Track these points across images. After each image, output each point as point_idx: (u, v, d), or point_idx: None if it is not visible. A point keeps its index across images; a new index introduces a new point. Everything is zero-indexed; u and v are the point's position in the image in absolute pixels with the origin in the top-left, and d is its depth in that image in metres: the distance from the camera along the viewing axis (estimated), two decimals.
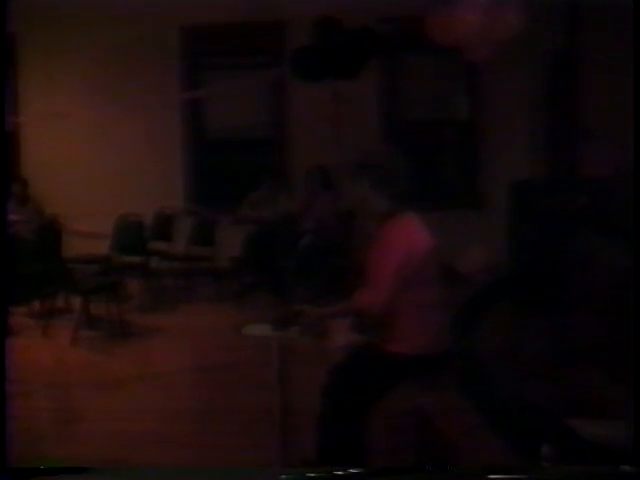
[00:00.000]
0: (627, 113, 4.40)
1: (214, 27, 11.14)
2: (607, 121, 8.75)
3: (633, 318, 4.76)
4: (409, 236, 4.27)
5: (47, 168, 11.34)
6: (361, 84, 9.69)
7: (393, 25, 10.12)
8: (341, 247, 9.57)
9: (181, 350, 8.00)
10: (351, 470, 2.96)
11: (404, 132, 11.17)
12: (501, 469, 2.98)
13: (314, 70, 9.46)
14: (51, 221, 10.07)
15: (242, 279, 10.17)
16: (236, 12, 10.73)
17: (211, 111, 11.80)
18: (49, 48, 11.38)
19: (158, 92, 11.12)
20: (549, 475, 3.07)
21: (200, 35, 11.31)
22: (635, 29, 4.41)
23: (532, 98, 10.40)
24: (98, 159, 11.45)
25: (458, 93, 11.42)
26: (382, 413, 4.33)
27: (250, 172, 11.31)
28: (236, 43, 11.35)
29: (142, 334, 8.51)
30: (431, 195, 10.28)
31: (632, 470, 2.81)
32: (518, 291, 8.34)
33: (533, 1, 8.95)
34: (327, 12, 9.51)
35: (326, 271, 9.44)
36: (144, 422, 5.83)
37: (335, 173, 9.97)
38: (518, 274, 8.76)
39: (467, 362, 4.69)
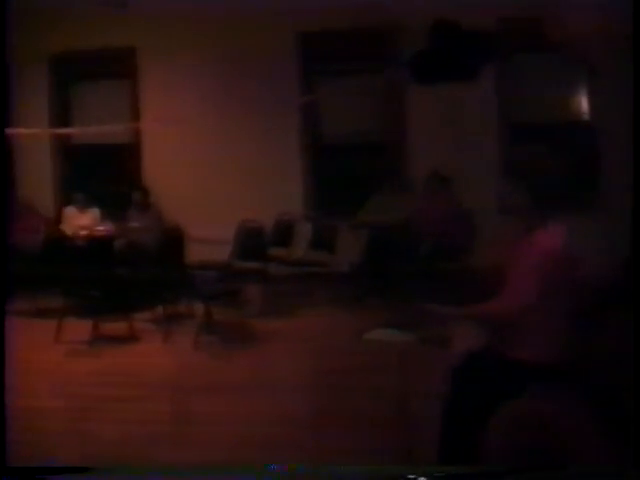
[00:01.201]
0: None
1: (330, 32, 11.13)
2: None
3: (633, 318, 4.58)
4: (557, 243, 4.19)
5: (167, 175, 11.52)
6: (479, 86, 9.58)
7: (510, 26, 9.97)
8: (462, 251, 9.47)
9: (300, 355, 7.99)
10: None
11: (522, 134, 10.97)
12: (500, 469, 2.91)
13: (430, 73, 9.40)
14: (172, 228, 10.21)
15: (361, 284, 10.14)
16: (352, 17, 10.74)
17: (328, 116, 11.81)
18: (168, 57, 11.56)
19: (276, 98, 11.17)
20: (549, 475, 2.99)
21: (316, 41, 11.33)
22: (635, 29, 4.27)
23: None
24: (217, 165, 11.57)
25: (578, 94, 11.18)
26: (501, 418, 4.25)
27: (368, 177, 11.31)
28: (352, 48, 11.33)
29: (262, 339, 8.54)
30: (557, 200, 10.07)
31: (632, 470, 2.73)
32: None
33: None
34: (443, 14, 9.43)
35: (448, 275, 9.34)
36: (262, 426, 5.84)
37: (454, 176, 9.88)
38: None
39: (588, 369, 4.56)
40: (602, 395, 4.83)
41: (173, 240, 9.82)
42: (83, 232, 10.45)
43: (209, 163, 11.62)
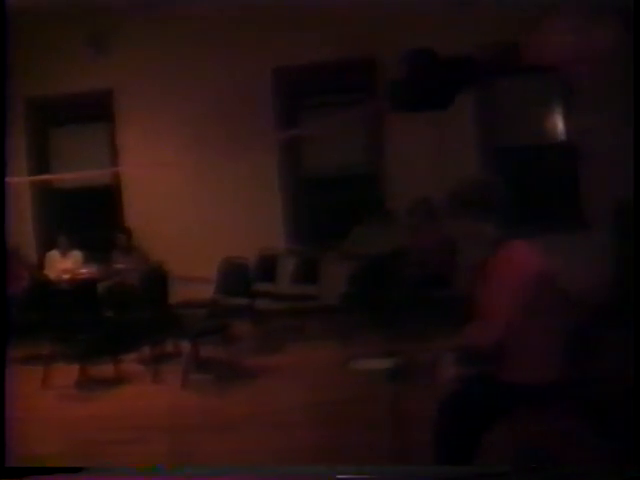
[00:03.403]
0: None
1: (307, 66, 11.19)
2: None
3: (633, 318, 4.59)
4: (523, 263, 4.18)
5: (150, 216, 11.52)
6: (459, 113, 9.62)
7: (489, 51, 10.04)
8: (448, 279, 9.48)
9: (291, 389, 7.96)
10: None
11: (506, 157, 11.04)
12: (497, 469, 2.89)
13: (411, 102, 9.42)
14: (157, 268, 10.19)
15: (350, 316, 10.13)
16: (328, 50, 10.81)
17: (309, 150, 11.86)
18: (147, 100, 11.60)
19: (255, 134, 11.19)
20: (550, 475, 2.99)
21: (294, 75, 11.39)
22: (635, 29, 4.32)
23: (636, 115, 10.21)
24: (199, 204, 11.59)
25: (560, 115, 11.26)
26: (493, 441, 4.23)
27: (352, 208, 11.32)
28: (331, 81, 11.40)
29: (251, 375, 8.51)
30: (536, 220, 10.14)
31: (632, 470, 2.73)
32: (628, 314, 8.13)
33: (628, 18, 8.82)
34: (419, 43, 9.50)
35: (433, 304, 9.35)
36: (257, 462, 5.81)
37: (438, 204, 9.90)
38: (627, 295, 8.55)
39: (582, 390, 4.56)
40: (594, 413, 4.83)
41: (158, 280, 9.81)
42: (66, 276, 10.40)
43: (191, 201, 11.64)
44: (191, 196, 11.66)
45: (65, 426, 7.10)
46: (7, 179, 9.50)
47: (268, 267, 10.91)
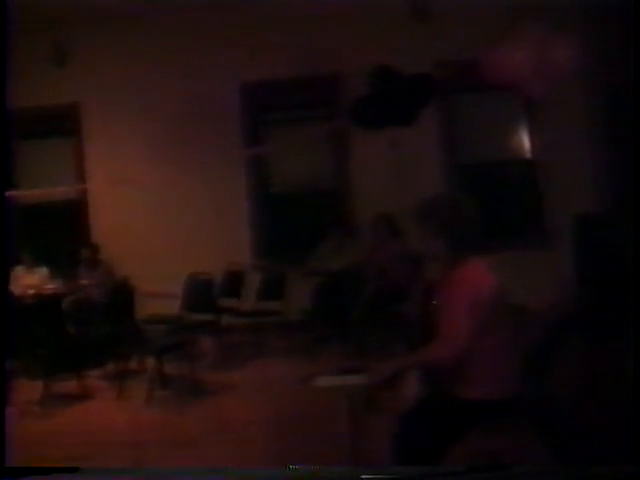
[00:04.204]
0: None
1: (272, 83, 11.25)
2: None
3: (633, 318, 4.66)
4: (475, 281, 4.22)
5: (116, 232, 11.49)
6: (420, 129, 9.71)
7: (449, 68, 10.13)
8: (408, 294, 9.53)
9: (254, 405, 7.98)
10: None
11: (466, 174, 11.13)
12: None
13: (372, 118, 9.50)
14: (122, 283, 10.19)
15: (312, 332, 10.18)
16: (294, 66, 10.87)
17: (275, 165, 11.93)
18: (113, 115, 11.60)
19: (220, 150, 11.23)
20: (550, 475, 3.02)
21: (260, 91, 11.44)
22: (635, 29, 4.39)
23: (593, 131, 10.34)
24: (165, 220, 11.60)
25: (519, 132, 11.37)
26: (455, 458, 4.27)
27: (316, 224, 11.37)
28: (294, 97, 11.45)
29: (216, 391, 8.52)
30: (497, 236, 10.21)
31: (632, 470, 2.76)
32: (588, 328, 8.23)
33: (587, 36, 8.95)
34: (382, 60, 9.58)
35: (393, 320, 9.40)
36: (221, 478, 5.82)
37: (400, 220, 9.96)
38: (588, 310, 8.66)
39: (541, 404, 4.61)
40: (555, 429, 4.88)
41: (123, 295, 9.81)
42: (31, 291, 10.37)
43: (157, 216, 11.63)
44: (157, 212, 11.66)
45: (27, 443, 7.07)
46: None
47: (234, 283, 10.92)
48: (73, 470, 3.02)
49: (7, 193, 9.92)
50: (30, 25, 10.80)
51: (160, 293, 10.16)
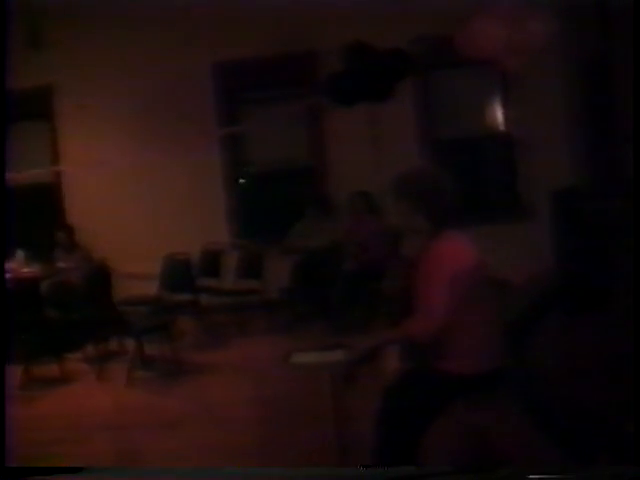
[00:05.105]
0: None
1: (246, 61, 11.17)
2: None
3: (633, 318, 4.68)
4: (454, 254, 4.21)
5: (92, 214, 11.43)
6: (396, 105, 9.70)
7: (424, 44, 10.10)
8: (387, 271, 9.53)
9: (236, 385, 7.98)
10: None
11: (443, 149, 11.12)
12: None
13: (348, 95, 9.49)
14: (100, 266, 10.13)
15: (293, 310, 10.18)
16: (267, 45, 10.81)
17: (251, 144, 11.88)
18: (87, 98, 11.50)
19: (196, 130, 11.18)
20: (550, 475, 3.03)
21: (233, 70, 11.36)
22: (635, 29, 4.39)
23: (569, 105, 10.36)
24: (141, 201, 11.52)
25: (495, 106, 11.37)
26: (437, 430, 4.28)
27: (293, 202, 11.36)
28: (269, 75, 11.38)
29: (196, 371, 8.52)
30: (475, 210, 10.24)
31: (632, 470, 2.77)
32: (567, 302, 8.28)
33: (562, 9, 8.94)
34: (356, 37, 9.55)
35: (372, 296, 9.41)
36: (203, 459, 5.83)
37: (378, 197, 9.96)
38: (567, 284, 8.70)
39: (521, 377, 4.63)
40: (535, 401, 4.91)
41: (101, 277, 9.74)
42: (8, 276, 10.30)
43: (133, 198, 11.56)
44: (133, 193, 11.58)
45: (8, 427, 7.04)
46: None
47: (212, 262, 10.90)
48: (75, 470, 3.01)
49: None
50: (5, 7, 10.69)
51: (138, 274, 10.12)
